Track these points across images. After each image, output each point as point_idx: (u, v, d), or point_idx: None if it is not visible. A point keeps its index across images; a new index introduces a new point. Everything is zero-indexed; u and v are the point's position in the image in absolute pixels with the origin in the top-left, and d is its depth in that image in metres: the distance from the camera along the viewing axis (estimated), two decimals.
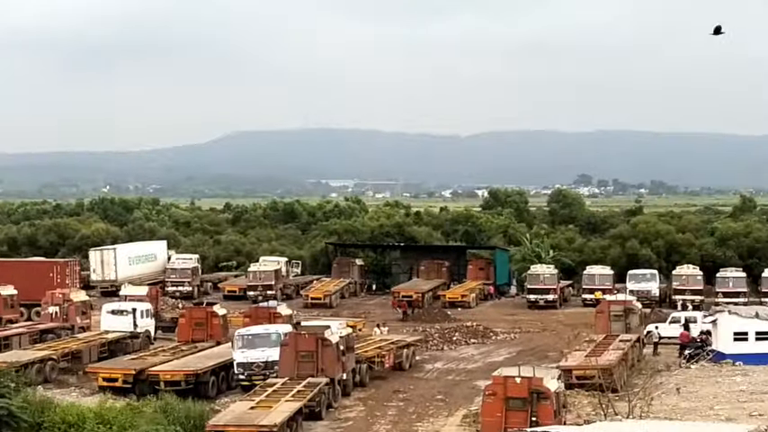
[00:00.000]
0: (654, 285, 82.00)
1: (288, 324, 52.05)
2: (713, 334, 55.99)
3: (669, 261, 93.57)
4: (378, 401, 44.95)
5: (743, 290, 79.91)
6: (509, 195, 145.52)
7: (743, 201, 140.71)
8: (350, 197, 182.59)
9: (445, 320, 72.01)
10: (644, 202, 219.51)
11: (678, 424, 32.09)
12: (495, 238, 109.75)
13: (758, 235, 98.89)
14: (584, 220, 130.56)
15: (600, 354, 48.30)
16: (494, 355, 58.55)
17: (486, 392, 35.28)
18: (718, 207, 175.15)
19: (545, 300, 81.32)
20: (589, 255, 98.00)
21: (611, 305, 58.14)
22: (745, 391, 45.74)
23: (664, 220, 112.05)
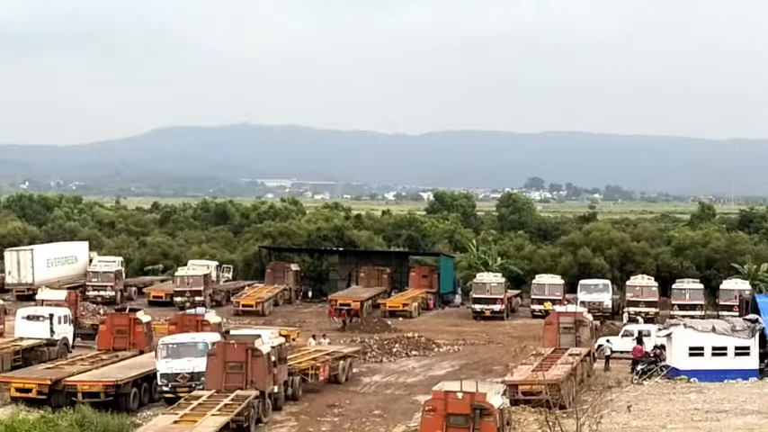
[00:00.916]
0: (606, 296, 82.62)
1: (216, 333, 51.80)
2: (667, 348, 56.46)
3: (623, 271, 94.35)
4: (311, 416, 44.84)
5: (700, 302, 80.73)
6: (456, 199, 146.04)
7: (702, 208, 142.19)
8: (286, 198, 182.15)
9: (385, 331, 72.02)
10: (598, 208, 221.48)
11: None
12: (440, 243, 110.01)
13: (717, 245, 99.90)
14: (534, 226, 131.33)
15: (548, 368, 48.52)
16: (436, 368, 58.64)
17: (425, 408, 35.29)
18: (675, 215, 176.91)
19: (491, 310, 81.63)
20: (539, 263, 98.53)
21: (561, 317, 58.36)
22: (700, 410, 46.19)
23: (618, 228, 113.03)
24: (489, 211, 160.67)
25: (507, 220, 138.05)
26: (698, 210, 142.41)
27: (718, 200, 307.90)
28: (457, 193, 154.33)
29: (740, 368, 55.08)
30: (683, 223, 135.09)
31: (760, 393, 50.53)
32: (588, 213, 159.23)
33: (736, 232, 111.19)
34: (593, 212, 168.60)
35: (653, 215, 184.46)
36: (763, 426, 42.15)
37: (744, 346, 55.51)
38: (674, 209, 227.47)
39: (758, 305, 59.05)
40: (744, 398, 49.08)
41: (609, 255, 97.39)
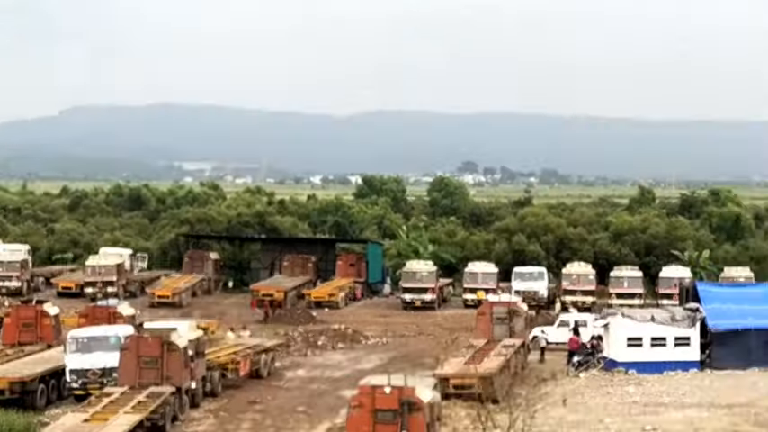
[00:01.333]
0: (542, 285, 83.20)
1: (129, 326, 51.38)
2: (605, 339, 56.93)
3: (559, 258, 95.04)
4: (231, 413, 44.65)
5: (638, 291, 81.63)
6: (385, 183, 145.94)
7: (641, 193, 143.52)
8: (206, 182, 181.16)
9: (310, 322, 71.95)
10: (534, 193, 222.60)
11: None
12: (369, 230, 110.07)
13: (656, 230, 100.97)
14: (467, 211, 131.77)
15: (480, 361, 48.75)
16: (363, 361, 58.68)
17: (352, 404, 35.28)
18: (614, 199, 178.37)
19: (422, 300, 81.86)
20: (472, 250, 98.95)
21: (494, 307, 58.65)
22: (638, 403, 46.66)
23: (554, 213, 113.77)
24: (420, 196, 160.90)
25: (439, 205, 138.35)
26: (637, 194, 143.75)
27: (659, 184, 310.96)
28: (386, 178, 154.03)
29: (680, 359, 55.69)
30: (622, 208, 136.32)
31: (700, 385, 51.15)
32: (523, 198, 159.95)
33: (676, 217, 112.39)
34: (528, 197, 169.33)
35: (590, 199, 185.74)
36: (704, 419, 42.68)
37: (684, 337, 56.14)
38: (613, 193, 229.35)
39: (699, 293, 59.68)
40: (684, 390, 49.66)
41: (544, 241, 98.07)
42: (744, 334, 56.47)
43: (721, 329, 56.55)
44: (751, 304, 58.94)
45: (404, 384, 34.89)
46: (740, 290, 63.11)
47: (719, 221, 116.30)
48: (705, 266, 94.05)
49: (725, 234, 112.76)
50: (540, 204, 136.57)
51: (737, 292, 61.61)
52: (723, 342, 56.49)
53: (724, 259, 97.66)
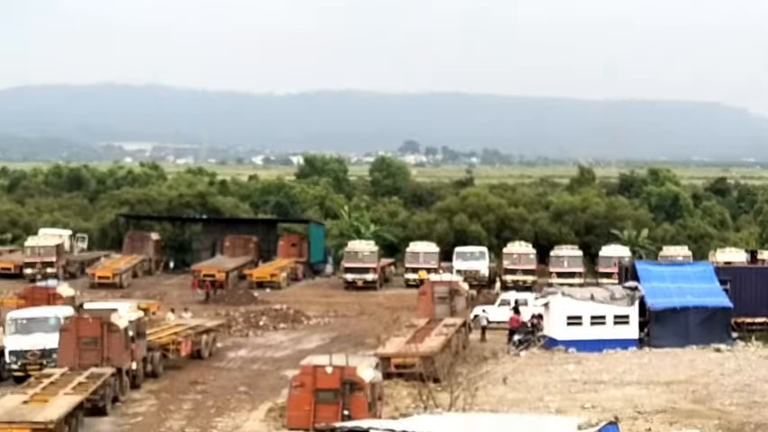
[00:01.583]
0: (483, 264, 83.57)
1: (69, 306, 51.10)
2: (545, 318, 57.35)
3: (500, 237, 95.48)
4: (172, 394, 44.52)
5: (578, 270, 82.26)
6: (327, 163, 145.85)
7: (581, 172, 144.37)
8: (146, 162, 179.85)
9: (251, 303, 71.84)
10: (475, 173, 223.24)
11: (503, 417, 32.73)
12: (311, 210, 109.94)
13: (596, 210, 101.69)
14: (409, 191, 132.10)
15: (421, 340, 48.91)
16: (305, 341, 58.71)
17: (293, 383, 35.30)
18: (554, 179, 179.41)
19: (364, 280, 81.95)
20: (414, 230, 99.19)
21: (436, 286, 58.88)
22: (578, 381, 47.04)
23: (496, 193, 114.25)
24: (362, 176, 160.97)
25: (381, 185, 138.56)
26: (577, 174, 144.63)
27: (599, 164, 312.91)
28: (328, 157, 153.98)
29: (619, 337, 56.27)
30: (562, 188, 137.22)
31: (639, 363, 51.68)
32: (465, 178, 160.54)
33: (616, 197, 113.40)
34: (470, 177, 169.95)
35: (531, 180, 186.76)
36: (643, 396, 43.11)
37: (623, 315, 56.70)
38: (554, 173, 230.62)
39: (638, 272, 60.27)
40: (623, 368, 50.14)
41: (486, 221, 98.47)
42: (682, 312, 57.16)
43: (659, 308, 57.18)
44: (689, 283, 59.64)
45: (345, 364, 34.95)
46: (678, 268, 63.65)
47: (658, 201, 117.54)
48: (644, 245, 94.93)
49: (664, 213, 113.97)
50: (481, 184, 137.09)
51: (676, 271, 62.18)
52: (661, 320, 57.15)
53: (663, 238, 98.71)
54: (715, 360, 52.34)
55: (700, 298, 58.11)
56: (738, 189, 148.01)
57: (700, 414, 39.73)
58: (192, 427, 38.77)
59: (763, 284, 61.65)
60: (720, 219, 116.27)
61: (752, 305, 60.26)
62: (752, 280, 62.24)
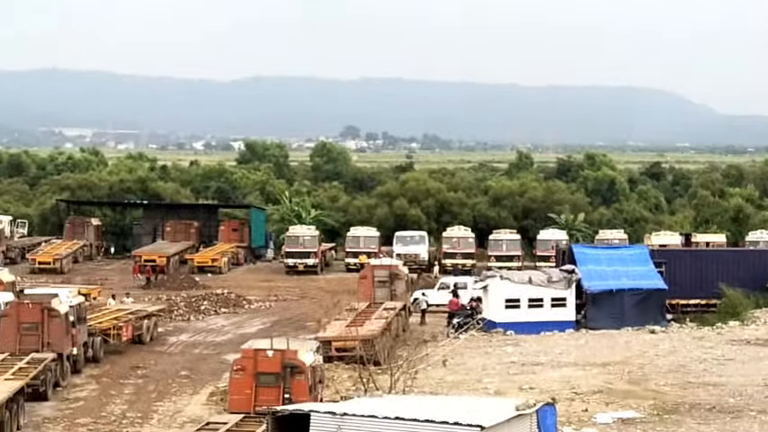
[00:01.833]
0: (423, 248, 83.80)
1: (9, 292, 50.60)
2: (484, 301, 57.60)
3: (440, 222, 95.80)
4: (113, 379, 44.26)
5: (517, 253, 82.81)
6: (268, 148, 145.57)
7: (520, 157, 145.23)
8: (86, 148, 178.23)
9: (193, 287, 71.59)
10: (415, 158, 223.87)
11: (442, 399, 32.85)
12: (252, 195, 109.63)
13: (534, 194, 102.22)
14: (349, 176, 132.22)
15: (362, 323, 48.95)
16: (246, 325, 58.59)
17: (234, 367, 35.21)
18: (493, 164, 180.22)
19: (305, 264, 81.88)
20: (354, 215, 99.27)
21: (376, 270, 58.98)
22: (516, 363, 47.35)
23: (435, 178, 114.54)
24: (303, 162, 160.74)
25: (322, 170, 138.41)
26: (516, 159, 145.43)
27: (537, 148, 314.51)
28: (269, 143, 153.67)
29: (557, 320, 56.73)
30: (501, 173, 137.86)
31: (576, 345, 52.11)
32: (405, 163, 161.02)
33: (553, 181, 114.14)
34: (410, 162, 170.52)
35: (471, 165, 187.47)
36: (579, 377, 43.47)
37: (560, 298, 57.17)
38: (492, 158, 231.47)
39: (575, 255, 60.74)
40: (560, 350, 50.53)
41: (425, 206, 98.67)
42: (618, 294, 57.70)
43: (596, 290, 57.68)
44: (625, 265, 60.18)
45: (286, 348, 34.92)
46: (614, 252, 64.20)
47: (595, 185, 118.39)
48: (581, 229, 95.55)
49: (600, 197, 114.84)
50: (421, 169, 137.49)
51: (612, 254, 62.71)
52: (598, 303, 57.66)
53: (599, 222, 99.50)
54: (650, 341, 52.87)
55: (635, 280, 58.66)
56: (673, 173, 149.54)
57: (635, 394, 40.12)
58: (134, 411, 38.58)
59: (697, 267, 62.38)
60: (656, 202, 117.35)
61: (686, 287, 60.96)
62: (686, 262, 62.96)
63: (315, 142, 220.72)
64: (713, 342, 52.57)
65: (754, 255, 67.27)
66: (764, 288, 61.02)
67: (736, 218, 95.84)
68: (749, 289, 60.51)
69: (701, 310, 60.85)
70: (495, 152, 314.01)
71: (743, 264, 62.95)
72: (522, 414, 24.66)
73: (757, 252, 69.74)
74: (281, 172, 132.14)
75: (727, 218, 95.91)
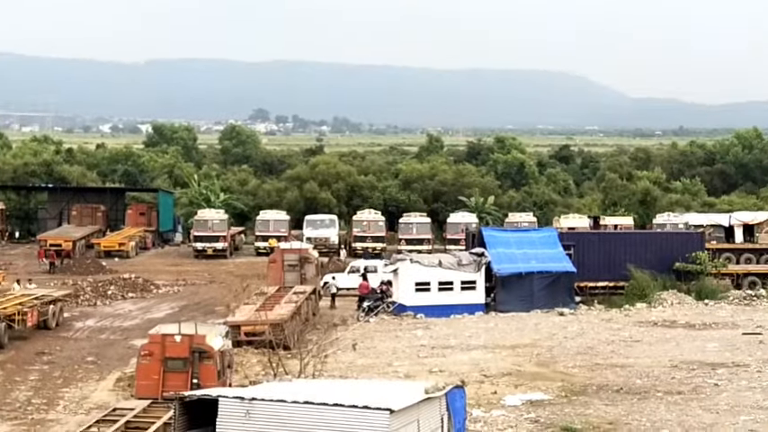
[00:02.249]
0: (333, 232, 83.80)
1: None
2: (394, 284, 57.72)
3: (350, 205, 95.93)
4: (18, 365, 43.63)
5: (427, 236, 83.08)
6: (176, 131, 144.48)
7: (430, 141, 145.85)
8: None
9: (99, 272, 70.90)
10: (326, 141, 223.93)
11: (352, 382, 32.90)
12: (159, 179, 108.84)
13: (444, 177, 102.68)
14: (259, 159, 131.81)
15: (271, 308, 48.83)
16: (154, 310, 58.12)
17: (142, 353, 34.98)
18: (404, 147, 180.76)
19: (213, 248, 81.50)
20: (264, 198, 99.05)
21: (286, 254, 58.94)
22: (426, 346, 47.50)
23: (345, 161, 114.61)
24: (212, 145, 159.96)
25: (231, 153, 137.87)
26: (426, 142, 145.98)
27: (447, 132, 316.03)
28: (177, 126, 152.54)
29: (467, 303, 56.99)
30: (411, 156, 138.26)
31: (486, 328, 52.43)
32: (315, 146, 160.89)
33: (463, 165, 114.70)
34: (320, 145, 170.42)
35: (381, 148, 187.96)
36: (488, 360, 43.76)
37: (470, 281, 57.44)
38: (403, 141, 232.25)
39: (484, 238, 61.03)
40: (470, 333, 50.81)
41: (336, 189, 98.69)
42: (527, 277, 58.11)
43: (505, 273, 58.03)
44: (534, 248, 60.61)
45: (194, 332, 34.75)
46: (523, 234, 64.60)
47: (504, 168, 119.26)
48: (491, 212, 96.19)
49: (510, 180, 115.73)
50: (331, 153, 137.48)
51: (521, 237, 63.11)
52: (507, 285, 58.02)
53: (509, 205, 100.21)
54: (559, 324, 53.37)
55: (544, 263, 59.11)
56: (582, 156, 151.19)
57: (544, 376, 40.49)
58: (39, 397, 38.09)
59: (605, 249, 63.00)
60: (564, 186, 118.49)
61: (594, 270, 61.56)
62: (594, 245, 63.55)
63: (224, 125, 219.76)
64: (621, 324, 53.23)
65: (662, 237, 68.06)
66: (671, 270, 61.87)
67: (643, 201, 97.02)
68: (656, 271, 61.24)
69: (609, 292, 61.47)
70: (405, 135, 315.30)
71: (650, 246, 63.70)
72: (431, 397, 24.75)
73: (664, 234, 70.57)
74: (189, 155, 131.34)
75: (635, 201, 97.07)
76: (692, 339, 48.49)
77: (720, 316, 55.46)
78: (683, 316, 55.20)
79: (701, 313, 56.29)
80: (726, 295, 60.87)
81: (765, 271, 68.39)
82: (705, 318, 54.62)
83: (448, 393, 25.80)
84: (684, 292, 60.22)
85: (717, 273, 63.29)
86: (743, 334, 49.36)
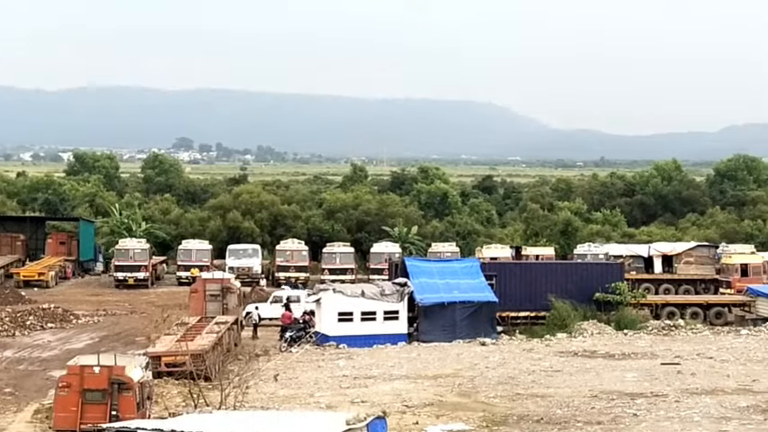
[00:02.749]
0: (256, 261, 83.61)
1: None
2: (317, 314, 57.64)
3: (273, 235, 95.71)
4: None
5: (350, 266, 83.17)
6: (98, 160, 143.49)
7: (354, 170, 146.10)
8: None
9: (18, 302, 69.96)
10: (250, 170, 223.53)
11: (273, 414, 32.74)
12: (81, 208, 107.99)
13: (368, 207, 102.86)
14: (182, 188, 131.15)
15: (192, 338, 48.48)
16: (74, 341, 57.48)
17: (60, 384, 34.50)
18: (328, 176, 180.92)
19: (135, 278, 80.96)
20: (186, 227, 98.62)
21: (208, 284, 58.58)
22: (349, 376, 47.42)
23: (269, 190, 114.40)
24: (134, 173, 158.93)
25: (153, 182, 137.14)
26: (350, 171, 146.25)
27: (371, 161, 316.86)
28: (99, 154, 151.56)
29: (389, 333, 57.01)
30: (336, 185, 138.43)
31: (408, 358, 52.47)
32: (239, 175, 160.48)
33: (387, 194, 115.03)
34: (244, 174, 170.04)
35: (305, 177, 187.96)
36: (410, 390, 43.76)
37: (393, 311, 57.49)
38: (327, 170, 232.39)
39: (407, 268, 61.19)
40: (392, 363, 50.80)
41: (259, 218, 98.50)
42: (449, 307, 58.25)
43: (428, 303, 58.14)
44: (456, 278, 60.82)
45: (114, 364, 34.38)
46: (446, 264, 64.83)
47: (428, 198, 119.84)
48: (414, 242, 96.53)
49: (433, 210, 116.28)
50: (255, 182, 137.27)
51: (444, 267, 63.32)
52: (430, 315, 58.12)
53: (432, 235, 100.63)
54: (480, 353, 53.54)
55: (466, 293, 59.30)
56: (504, 187, 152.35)
57: (465, 407, 40.57)
58: None
59: (526, 279, 63.37)
60: (487, 216, 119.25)
61: (516, 299, 61.92)
62: (516, 275, 63.91)
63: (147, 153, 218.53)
64: (542, 354, 53.52)
65: (582, 267, 68.60)
66: (592, 300, 62.40)
67: (564, 231, 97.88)
68: (577, 301, 61.70)
69: (531, 322, 61.80)
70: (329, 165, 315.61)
71: (571, 276, 64.17)
72: (352, 428, 24.73)
73: (585, 265, 71.17)
74: (111, 184, 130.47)
75: (556, 231, 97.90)
76: (612, 369, 48.87)
77: (639, 346, 55.97)
78: (602, 346, 55.63)
79: (620, 343, 56.76)
80: (645, 325, 61.43)
81: (684, 301, 69.17)
82: (624, 348, 55.08)
83: (369, 424, 25.78)
84: (604, 322, 60.72)
85: (636, 303, 63.89)
86: (661, 364, 49.85)
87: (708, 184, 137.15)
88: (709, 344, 56.58)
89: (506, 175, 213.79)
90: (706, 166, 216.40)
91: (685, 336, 60.07)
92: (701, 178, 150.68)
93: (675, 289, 78.02)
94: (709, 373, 47.49)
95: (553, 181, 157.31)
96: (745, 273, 75.98)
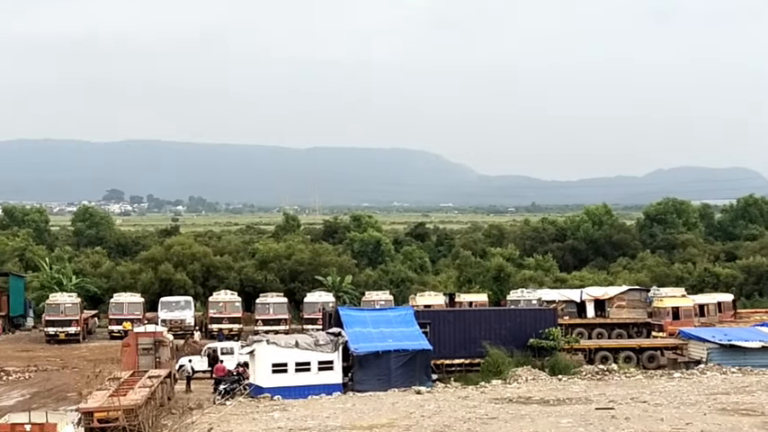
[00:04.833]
0: (188, 314, 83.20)
1: None
2: (251, 366, 57.33)
3: (206, 286, 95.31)
4: None
5: (284, 316, 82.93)
6: (27, 213, 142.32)
7: (286, 219, 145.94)
8: None
9: None
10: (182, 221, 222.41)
11: None
12: (10, 262, 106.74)
13: (301, 257, 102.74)
14: (113, 241, 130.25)
15: (125, 393, 47.98)
16: (4, 398, 56.69)
17: None
18: (261, 226, 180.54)
19: (66, 333, 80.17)
20: (118, 280, 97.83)
21: (140, 337, 58.09)
22: (284, 428, 47.10)
23: (201, 241, 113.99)
24: (65, 226, 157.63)
25: (84, 235, 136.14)
26: (283, 221, 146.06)
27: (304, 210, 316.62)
28: (28, 208, 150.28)
29: (324, 383, 56.76)
30: (268, 235, 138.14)
31: (343, 408, 52.23)
32: (171, 227, 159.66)
33: (320, 243, 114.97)
34: (175, 225, 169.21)
35: (238, 227, 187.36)
36: None
37: (327, 361, 57.27)
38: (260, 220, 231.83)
39: (341, 318, 61.10)
40: (327, 413, 50.54)
41: (191, 270, 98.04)
42: (384, 356, 58.18)
43: (362, 352, 58.03)
44: (390, 327, 60.82)
45: (45, 421, 33.99)
46: (380, 313, 64.85)
47: (361, 246, 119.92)
48: (348, 291, 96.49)
49: (366, 258, 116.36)
50: (187, 233, 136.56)
51: (377, 316, 63.32)
52: (364, 365, 57.98)
53: (366, 283, 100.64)
54: (416, 402, 53.43)
55: (400, 341, 59.27)
56: (437, 234, 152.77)
57: None
58: None
59: (460, 327, 63.50)
60: (421, 263, 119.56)
61: (450, 347, 62.00)
62: (450, 322, 64.02)
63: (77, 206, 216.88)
64: (477, 401, 53.53)
65: (516, 314, 68.85)
66: (526, 346, 62.63)
67: (497, 277, 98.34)
68: (511, 347, 61.92)
69: (466, 369, 61.87)
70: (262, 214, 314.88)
71: (505, 322, 64.37)
72: None
73: (518, 311, 71.47)
74: (41, 237, 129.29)
75: (489, 277, 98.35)
76: (547, 415, 48.97)
77: (574, 391, 56.18)
78: (537, 392, 55.77)
79: (555, 389, 56.95)
80: (579, 370, 61.73)
81: (617, 345, 69.63)
82: (559, 393, 55.27)
83: None
84: (539, 367, 60.95)
85: (570, 348, 64.27)
86: (596, 409, 50.02)
87: (638, 227, 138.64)
88: (643, 388, 56.92)
89: (439, 221, 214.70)
90: (635, 209, 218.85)
91: (619, 380, 60.42)
92: (631, 222, 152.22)
93: (608, 333, 78.58)
94: (643, 417, 47.74)
95: (485, 227, 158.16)
96: (676, 316, 76.77)
